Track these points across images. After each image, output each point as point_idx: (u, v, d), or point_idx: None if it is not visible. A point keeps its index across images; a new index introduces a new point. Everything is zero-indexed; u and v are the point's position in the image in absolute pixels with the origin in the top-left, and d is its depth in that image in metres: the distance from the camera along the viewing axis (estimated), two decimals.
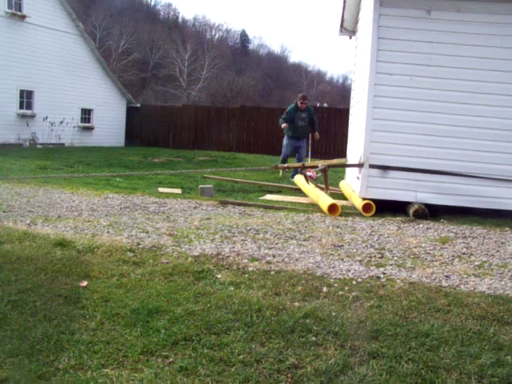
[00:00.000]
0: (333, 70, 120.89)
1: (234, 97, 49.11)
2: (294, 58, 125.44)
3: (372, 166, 8.74)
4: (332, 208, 8.35)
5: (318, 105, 29.18)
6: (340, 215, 8.27)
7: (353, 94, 12.23)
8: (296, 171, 12.37)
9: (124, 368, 3.24)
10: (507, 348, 3.63)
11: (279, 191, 11.42)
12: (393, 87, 8.62)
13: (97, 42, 45.81)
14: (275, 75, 67.29)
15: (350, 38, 12.97)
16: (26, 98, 21.46)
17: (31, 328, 3.66)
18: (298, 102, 13.71)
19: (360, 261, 5.57)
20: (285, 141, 14.12)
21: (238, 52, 73.28)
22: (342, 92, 64.14)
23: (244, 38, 79.72)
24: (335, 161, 12.07)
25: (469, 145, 8.50)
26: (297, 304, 4.23)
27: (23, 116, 21.19)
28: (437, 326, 3.91)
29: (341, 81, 77.62)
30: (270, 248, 5.90)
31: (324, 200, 8.74)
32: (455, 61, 8.48)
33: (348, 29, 12.58)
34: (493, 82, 8.43)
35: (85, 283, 4.51)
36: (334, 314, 4.05)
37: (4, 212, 7.21)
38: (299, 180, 11.17)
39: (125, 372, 3.18)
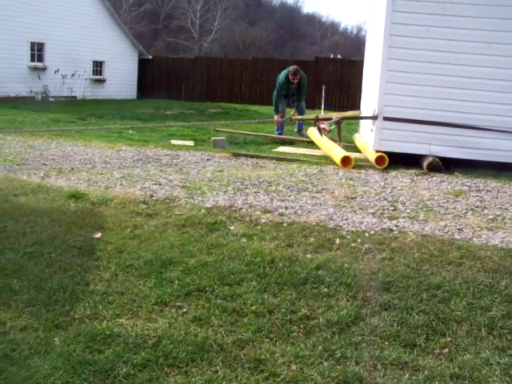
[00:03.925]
0: (347, 20, 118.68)
1: (246, 48, 48.52)
2: (307, 8, 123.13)
3: (386, 119, 8.64)
4: (345, 160, 8.30)
5: (332, 56, 28.77)
6: (353, 168, 8.23)
7: (367, 46, 12.01)
8: (301, 124, 12.20)
9: (138, 318, 3.29)
10: None
11: (292, 143, 11.36)
12: (408, 38, 8.44)
13: None
14: (288, 26, 66.14)
15: None
16: (36, 51, 21.24)
17: (47, 279, 3.72)
18: (290, 77, 12.11)
19: (373, 213, 5.57)
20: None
21: (251, 2, 71.87)
22: (356, 43, 62.99)
23: None
24: (349, 113, 11.97)
25: (485, 97, 8.34)
26: (309, 256, 4.25)
27: (35, 69, 21.03)
28: (448, 278, 3.92)
29: (355, 32, 76.11)
30: (282, 200, 5.91)
31: (337, 152, 8.69)
32: (471, 9, 8.26)
33: None
34: None
35: (99, 235, 4.55)
36: (346, 265, 4.07)
37: (18, 165, 7.25)
38: (312, 132, 11.10)
39: (139, 322, 3.23)
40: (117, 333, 3.09)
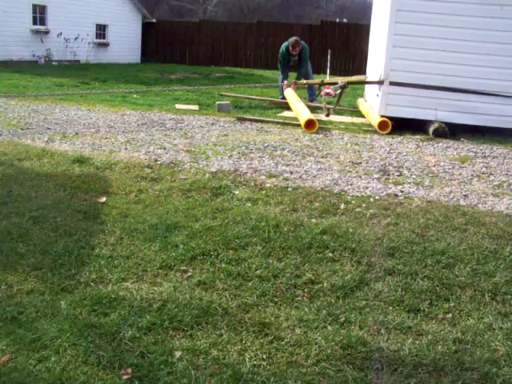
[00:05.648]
0: None
1: (251, 12, 47.87)
2: None
3: (392, 83, 8.55)
4: (309, 124, 8.17)
5: (338, 20, 28.39)
6: (358, 133, 8.17)
7: (374, 9, 11.81)
8: (312, 93, 11.93)
9: (143, 282, 3.31)
10: None
11: None
12: (416, 1, 8.29)
13: None
14: None
15: None
16: (39, 14, 20.95)
17: (53, 243, 3.74)
18: (290, 48, 11.79)
19: (378, 178, 5.55)
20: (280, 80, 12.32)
21: None
22: (362, 7, 61.89)
23: None
24: (355, 78, 11.83)
25: (494, 62, 8.19)
26: (314, 220, 4.26)
27: (37, 32, 20.79)
28: (453, 244, 3.92)
29: None
30: (287, 165, 5.89)
31: (303, 115, 8.51)
32: None
33: None
34: None
35: (104, 199, 4.56)
36: (351, 230, 4.07)
37: (22, 129, 7.22)
38: (288, 94, 10.88)
39: (144, 285, 3.25)
40: (122, 296, 3.11)
